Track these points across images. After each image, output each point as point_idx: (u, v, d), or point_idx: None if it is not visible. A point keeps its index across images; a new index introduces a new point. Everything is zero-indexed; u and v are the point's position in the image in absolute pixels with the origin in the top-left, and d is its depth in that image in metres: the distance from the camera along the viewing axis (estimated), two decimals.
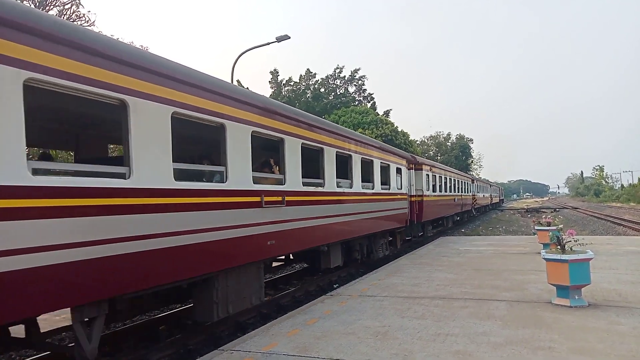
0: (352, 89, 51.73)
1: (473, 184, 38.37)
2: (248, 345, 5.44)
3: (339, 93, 50.73)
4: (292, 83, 49.05)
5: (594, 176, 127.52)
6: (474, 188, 38.70)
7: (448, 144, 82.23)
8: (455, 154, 78.40)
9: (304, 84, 49.31)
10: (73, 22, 21.59)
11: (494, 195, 61.74)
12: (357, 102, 50.10)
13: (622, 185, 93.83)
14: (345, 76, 51.04)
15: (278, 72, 49.10)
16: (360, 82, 51.67)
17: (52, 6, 24.15)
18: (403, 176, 15.71)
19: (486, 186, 54.30)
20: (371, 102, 51.56)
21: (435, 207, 20.47)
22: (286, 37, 21.85)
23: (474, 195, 37.26)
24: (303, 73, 49.49)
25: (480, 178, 63.30)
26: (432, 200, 19.75)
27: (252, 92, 8.20)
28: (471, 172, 70.57)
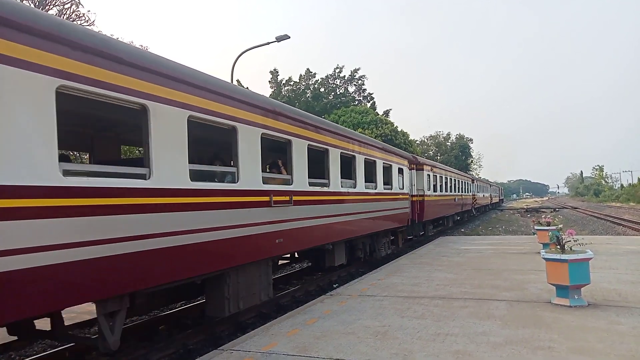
0: (351, 89, 51.75)
1: (473, 184, 38.39)
2: (248, 345, 5.44)
3: (338, 93, 50.72)
4: (291, 83, 49.03)
5: (593, 176, 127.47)
6: (474, 188, 38.73)
7: (448, 143, 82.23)
8: (455, 154, 78.41)
9: (303, 83, 49.29)
10: (73, 21, 21.58)
11: (493, 195, 61.75)
12: (356, 102, 50.08)
13: (621, 185, 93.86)
14: (345, 76, 51.05)
15: (278, 71, 49.13)
16: (360, 81, 51.68)
17: (51, 5, 24.13)
18: (405, 176, 15.96)
19: (486, 186, 54.32)
20: (371, 101, 51.54)
21: (436, 207, 20.68)
22: (286, 37, 21.84)
23: (474, 195, 37.28)
24: (303, 73, 49.52)
25: (480, 178, 63.30)
26: (433, 200, 19.95)
27: (262, 95, 8.47)
28: (471, 172, 70.55)
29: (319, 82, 49.84)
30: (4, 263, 3.60)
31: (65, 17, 23.57)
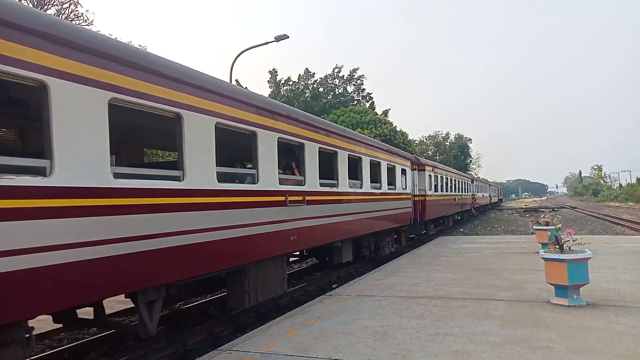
0: (350, 89, 51.76)
1: (472, 184, 38.45)
2: (247, 345, 5.44)
3: (337, 92, 50.71)
4: (290, 83, 49.02)
5: (592, 176, 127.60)
6: (474, 188, 38.79)
7: (447, 143, 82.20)
8: (454, 154, 78.41)
9: (302, 83, 49.27)
10: (71, 21, 21.53)
11: (492, 195, 61.82)
12: (355, 102, 50.07)
13: (620, 185, 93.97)
14: (344, 76, 51.05)
15: (277, 71, 49.13)
16: (359, 81, 51.68)
17: (50, 5, 24.09)
18: (407, 177, 16.45)
19: (485, 186, 54.38)
20: (370, 101, 51.55)
21: (437, 207, 21.01)
22: (285, 37, 21.84)
23: (473, 195, 37.33)
24: (302, 73, 49.53)
25: (479, 178, 63.36)
26: (434, 199, 20.28)
27: (279, 102, 8.94)
28: (470, 172, 70.59)
29: (317, 82, 49.82)
30: (74, 254, 4.12)
31: (63, 16, 23.53)
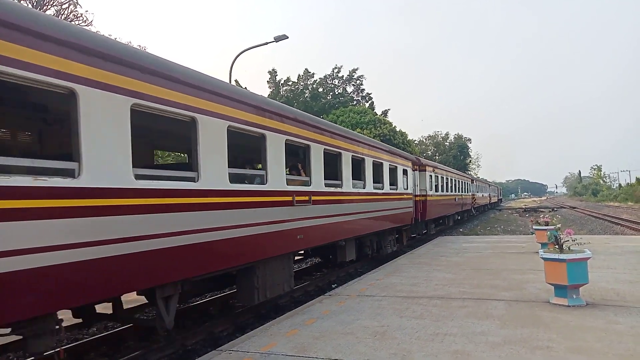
0: (350, 89, 51.77)
1: (472, 184, 38.49)
2: (247, 345, 5.45)
3: (337, 93, 50.71)
4: (290, 83, 49.02)
5: (591, 176, 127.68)
6: (474, 188, 38.83)
7: (446, 143, 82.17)
8: (454, 154, 78.39)
9: (302, 83, 49.27)
10: (70, 21, 21.52)
11: (492, 195, 61.84)
12: (355, 102, 50.08)
13: (619, 185, 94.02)
14: (343, 76, 51.05)
15: (276, 72, 49.14)
16: (358, 81, 51.69)
17: (49, 6, 24.09)
18: (409, 177, 16.71)
19: (485, 186, 54.41)
20: (369, 101, 51.55)
21: (437, 207, 21.16)
22: (284, 37, 21.85)
23: (473, 195, 37.36)
24: (301, 73, 49.54)
25: (479, 178, 63.35)
26: (435, 199, 20.45)
27: (286, 106, 9.14)
28: (469, 172, 70.58)
29: (317, 82, 49.83)
30: (100, 251, 4.34)
31: (62, 17, 23.52)
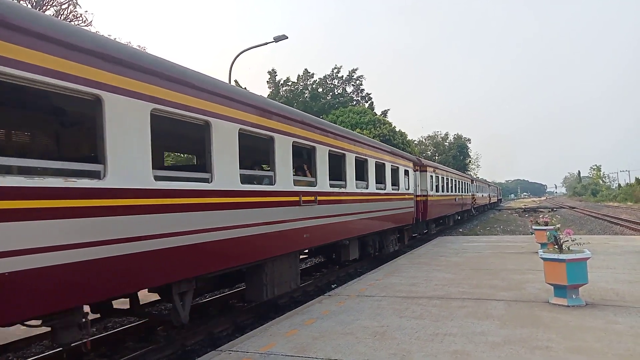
0: (349, 89, 51.73)
1: (472, 184, 38.53)
2: (246, 345, 5.44)
3: (336, 93, 50.69)
4: (289, 83, 48.96)
5: (591, 176, 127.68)
6: (474, 188, 38.87)
7: (446, 143, 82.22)
8: (453, 154, 78.44)
9: (301, 84, 49.24)
10: (70, 22, 21.51)
11: (492, 195, 61.86)
12: (354, 102, 50.07)
13: (619, 185, 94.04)
14: (343, 76, 51.02)
15: (276, 72, 49.06)
16: (358, 82, 51.65)
17: (49, 6, 24.08)
18: (410, 177, 16.95)
19: (485, 186, 54.43)
20: (369, 102, 51.53)
21: (438, 207, 21.33)
22: (284, 37, 21.85)
23: (473, 195, 37.39)
24: (301, 73, 49.45)
25: (479, 178, 63.37)
26: (435, 200, 20.61)
27: (293, 109, 9.38)
28: (469, 172, 70.61)
29: (317, 82, 49.79)
30: (123, 249, 4.52)
31: (62, 17, 23.51)
